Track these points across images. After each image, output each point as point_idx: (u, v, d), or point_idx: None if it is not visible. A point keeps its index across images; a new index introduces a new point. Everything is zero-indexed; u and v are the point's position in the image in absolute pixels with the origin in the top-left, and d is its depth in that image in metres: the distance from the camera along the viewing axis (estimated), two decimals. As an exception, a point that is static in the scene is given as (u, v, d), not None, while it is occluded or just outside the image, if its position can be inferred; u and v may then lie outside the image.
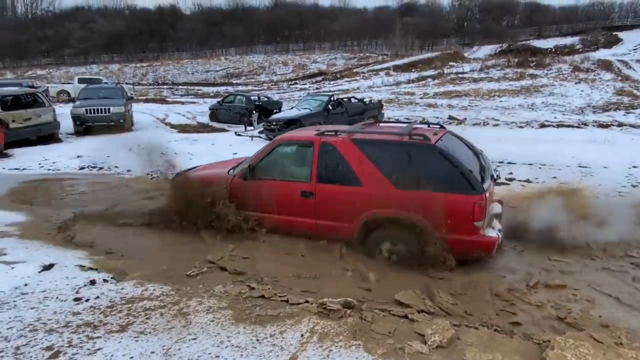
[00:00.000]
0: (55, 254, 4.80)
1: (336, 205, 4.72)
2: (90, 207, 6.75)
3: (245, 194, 5.20)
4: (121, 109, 14.94)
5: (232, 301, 3.76)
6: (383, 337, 3.21)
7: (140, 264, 4.60)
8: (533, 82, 28.97)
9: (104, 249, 5.13)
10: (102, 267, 4.46)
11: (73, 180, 8.77)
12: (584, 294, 4.28)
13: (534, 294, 4.25)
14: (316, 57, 55.05)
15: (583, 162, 9.25)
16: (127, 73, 53.63)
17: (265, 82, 44.49)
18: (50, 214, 6.44)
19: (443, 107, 22.03)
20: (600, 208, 5.96)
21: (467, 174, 4.30)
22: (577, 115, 18.63)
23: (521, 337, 3.24)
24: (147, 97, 31.13)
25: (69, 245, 5.21)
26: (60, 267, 4.46)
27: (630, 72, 31.34)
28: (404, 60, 45.97)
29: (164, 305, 3.68)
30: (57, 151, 11.87)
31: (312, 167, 4.84)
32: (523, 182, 8.06)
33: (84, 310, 3.62)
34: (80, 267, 4.47)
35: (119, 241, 5.39)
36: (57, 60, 63.89)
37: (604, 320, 3.83)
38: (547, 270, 4.75)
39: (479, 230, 4.32)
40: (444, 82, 32.67)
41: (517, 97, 24.40)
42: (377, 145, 4.74)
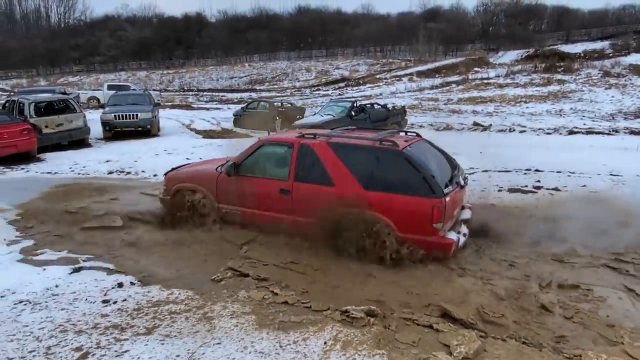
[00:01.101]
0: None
1: (310, 203, 4.97)
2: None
3: (229, 190, 5.52)
4: (148, 114, 15.25)
5: (256, 306, 3.78)
6: (407, 347, 3.18)
7: (167, 268, 4.68)
8: (561, 88, 28.24)
9: (128, 249, 5.25)
10: (129, 270, 4.56)
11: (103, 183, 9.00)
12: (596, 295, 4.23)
13: (546, 294, 4.22)
14: (339, 63, 55.12)
15: (615, 170, 8.94)
16: (154, 80, 54.85)
17: (288, 89, 44.78)
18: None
19: (467, 113, 21.70)
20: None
21: (429, 178, 4.53)
22: (608, 121, 18.09)
23: (551, 351, 3.15)
24: (173, 103, 31.73)
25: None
26: (90, 269, 4.58)
27: (665, 77, 30.27)
28: (427, 66, 45.54)
29: (189, 309, 3.73)
30: (87, 156, 12.19)
31: (290, 167, 5.15)
32: (551, 191, 7.85)
33: (112, 312, 3.71)
34: (108, 269, 4.58)
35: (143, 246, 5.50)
36: (87, 67, 65.85)
37: (611, 320, 3.76)
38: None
39: (437, 232, 4.54)
40: (468, 87, 32.20)
41: (544, 103, 23.84)
42: (350, 149, 5.03)
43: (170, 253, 5.13)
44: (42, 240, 5.51)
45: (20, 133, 11.18)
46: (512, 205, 7.11)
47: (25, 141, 11.33)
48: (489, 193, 7.76)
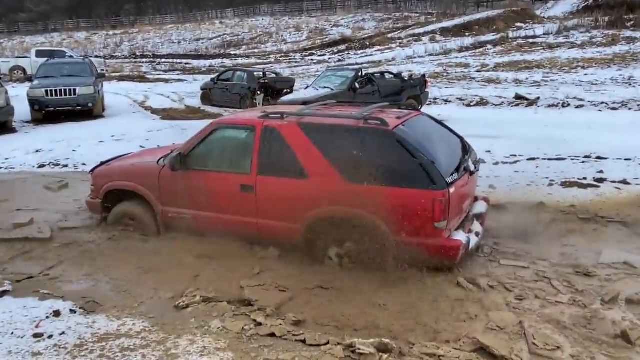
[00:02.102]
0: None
1: (279, 201, 5.00)
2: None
3: (176, 188, 5.51)
4: (90, 89, 15.16)
5: (233, 340, 3.77)
6: (432, 392, 3.19)
7: (117, 291, 4.67)
8: (631, 48, 28.20)
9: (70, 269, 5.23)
10: (68, 294, 4.55)
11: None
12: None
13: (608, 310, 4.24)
14: (338, 20, 54.94)
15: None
16: (97, 43, 54.60)
17: (273, 53, 44.68)
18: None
19: (508, 82, 21.66)
20: None
21: (428, 165, 4.49)
22: (692, 92, 18.13)
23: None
24: (121, 74, 31.64)
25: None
26: (16, 294, 4.57)
27: None
28: (454, 21, 45.41)
29: (146, 345, 3.72)
30: (11, 144, 12.10)
31: (252, 156, 5.10)
32: (618, 184, 7.87)
33: (46, 349, 3.70)
34: (40, 293, 4.56)
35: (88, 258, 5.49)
36: (8, 27, 65.38)
37: None
38: None
39: (441, 233, 4.52)
40: (508, 49, 32.15)
41: (608, 69, 23.81)
42: (327, 131, 4.99)
43: (120, 270, 5.12)
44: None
45: None
46: (567, 203, 7.14)
47: None
48: (537, 188, 7.80)
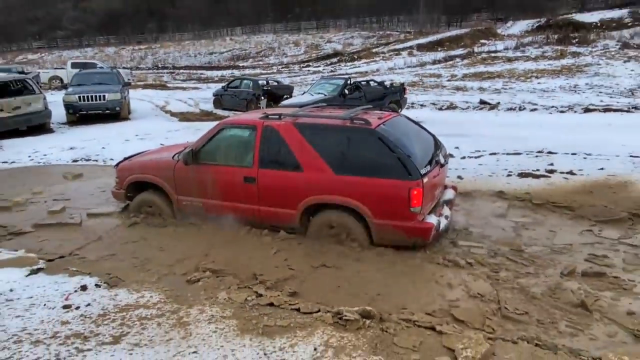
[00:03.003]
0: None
1: (278, 191, 4.96)
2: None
3: (188, 180, 5.41)
4: (117, 95, 15.01)
5: (237, 309, 3.70)
6: (407, 352, 3.12)
7: (136, 267, 4.58)
8: (576, 61, 28.23)
9: (96, 249, 5.13)
10: (94, 270, 4.45)
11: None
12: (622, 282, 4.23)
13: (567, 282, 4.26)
14: (331, 37, 54.68)
15: (635, 152, 8.92)
16: (124, 56, 54.18)
17: (275, 65, 44.42)
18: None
19: (473, 90, 21.66)
20: None
21: (404, 159, 4.48)
22: (627, 97, 18.06)
23: (567, 354, 3.10)
24: (145, 83, 31.37)
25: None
26: (49, 271, 4.47)
27: (689, 49, 30.39)
28: (429, 38, 45.32)
29: (161, 314, 3.64)
30: (49, 142, 11.98)
31: (254, 152, 5.05)
32: (566, 175, 7.82)
33: (74, 319, 3.61)
34: (70, 270, 4.46)
35: (112, 240, 5.39)
36: (48, 43, 64.73)
37: (632, 309, 3.76)
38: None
39: (416, 217, 4.52)
40: (474, 62, 32.12)
41: (557, 78, 23.83)
42: (318, 130, 4.95)
43: (140, 250, 5.03)
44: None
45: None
46: (523, 190, 7.08)
47: (-24, 127, 11.11)
48: (498, 178, 7.74)
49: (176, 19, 67.16)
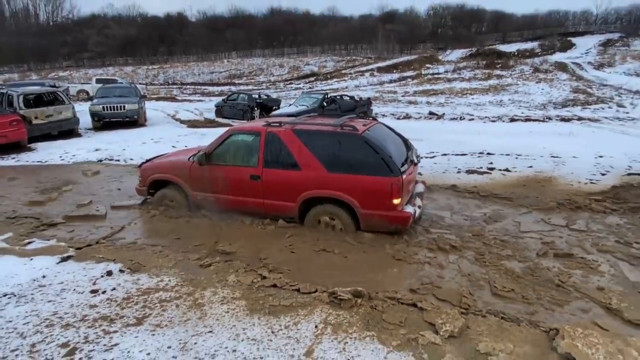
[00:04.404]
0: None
1: (280, 186, 4.73)
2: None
3: (203, 178, 5.12)
4: (135, 106, 14.29)
5: (245, 291, 3.38)
6: (395, 327, 2.87)
7: (156, 254, 4.19)
8: (499, 82, 28.58)
9: (120, 238, 4.71)
10: (118, 257, 4.05)
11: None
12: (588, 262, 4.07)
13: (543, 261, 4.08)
14: (309, 60, 54.00)
15: (554, 153, 8.90)
16: (140, 74, 52.22)
17: (264, 82, 43.53)
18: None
19: (422, 103, 21.57)
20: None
21: (387, 159, 4.33)
22: (541, 110, 18.29)
23: (528, 325, 2.91)
24: (158, 96, 30.23)
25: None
26: (78, 258, 4.05)
27: (583, 73, 31.08)
28: (386, 62, 45.26)
29: (179, 296, 3.29)
30: (77, 145, 11.26)
31: (259, 154, 4.81)
32: (503, 171, 7.72)
33: (101, 302, 3.23)
34: (96, 257, 4.05)
35: (134, 230, 4.97)
36: (76, 62, 61.92)
37: (601, 284, 3.61)
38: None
39: (397, 207, 4.37)
40: (422, 81, 32.15)
41: (486, 95, 24.00)
42: (314, 135, 4.71)
43: (159, 239, 4.62)
44: (29, 230, 4.89)
45: (10, 124, 10.18)
46: (471, 185, 6.94)
47: (14, 132, 10.33)
48: (450, 175, 7.58)
49: (183, 44, 65.24)
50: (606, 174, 7.38)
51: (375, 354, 2.58)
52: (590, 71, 31.52)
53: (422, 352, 2.60)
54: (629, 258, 4.14)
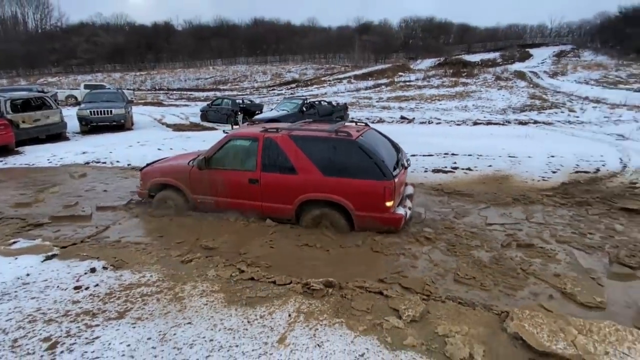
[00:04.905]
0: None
1: (277, 190, 4.65)
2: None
3: (202, 181, 5.01)
4: (122, 110, 13.95)
5: (224, 284, 3.36)
6: (362, 314, 2.91)
7: (138, 251, 4.11)
8: (465, 89, 29.21)
9: (104, 237, 4.60)
10: (102, 255, 3.96)
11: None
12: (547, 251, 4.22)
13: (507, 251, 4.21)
14: (290, 68, 53.84)
15: (511, 153, 9.18)
16: (128, 80, 50.91)
17: (248, 88, 43.16)
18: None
19: (395, 109, 21.83)
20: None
21: (380, 163, 4.29)
22: (501, 115, 18.80)
23: (482, 309, 3.00)
24: (145, 101, 29.53)
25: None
26: (63, 256, 3.93)
27: (539, 81, 32.06)
28: (362, 70, 45.56)
29: (160, 291, 3.25)
30: (65, 148, 10.91)
31: (257, 159, 4.73)
32: (465, 170, 7.92)
33: (84, 298, 3.15)
34: (81, 255, 3.95)
35: (118, 229, 4.86)
36: (65, 69, 59.77)
37: (557, 271, 3.74)
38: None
39: (389, 209, 4.34)
40: (395, 88, 32.53)
41: (453, 101, 24.48)
42: (309, 141, 4.64)
43: (141, 237, 4.55)
44: (14, 230, 4.73)
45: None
46: (436, 183, 7.08)
47: (1, 135, 9.95)
48: (418, 173, 7.71)
49: (169, 52, 63.90)
50: (557, 172, 7.66)
51: (343, 338, 2.62)
52: (545, 79, 32.52)
53: (386, 335, 2.65)
54: (583, 247, 4.31)
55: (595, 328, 2.65)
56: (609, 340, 2.55)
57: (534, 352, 2.49)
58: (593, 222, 5.11)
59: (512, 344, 2.58)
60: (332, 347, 2.53)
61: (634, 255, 3.99)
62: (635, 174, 7.37)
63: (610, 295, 3.31)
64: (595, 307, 3.16)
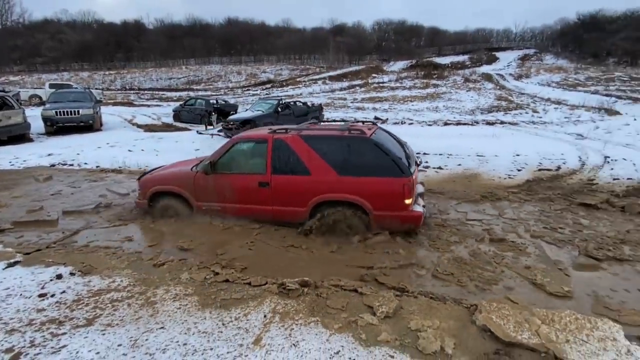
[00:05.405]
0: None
1: (289, 192, 4.46)
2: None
3: (207, 187, 4.74)
4: (90, 110, 13.42)
5: (198, 287, 3.29)
6: (338, 312, 2.93)
7: (108, 256, 3.96)
8: (435, 90, 29.93)
9: (72, 242, 4.40)
10: (69, 261, 3.79)
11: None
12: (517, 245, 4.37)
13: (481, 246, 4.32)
14: (265, 68, 53.44)
15: (479, 152, 9.48)
16: (97, 80, 48.99)
17: (222, 88, 42.51)
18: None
19: (369, 109, 22.08)
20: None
21: (397, 160, 4.21)
22: (470, 115, 19.36)
23: (453, 303, 3.08)
24: (115, 101, 28.49)
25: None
26: (27, 263, 3.74)
27: (505, 83, 33.29)
28: (337, 71, 45.82)
29: (131, 296, 3.14)
30: (29, 150, 10.39)
31: (267, 161, 4.52)
32: (437, 169, 8.12)
33: (49, 306, 3.01)
34: (46, 262, 3.77)
35: (87, 234, 4.66)
36: (29, 67, 56.76)
37: (528, 264, 3.88)
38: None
39: (408, 207, 4.25)
40: (368, 89, 32.91)
41: (424, 102, 25.03)
42: (322, 140, 4.49)
43: (111, 241, 4.39)
44: (-27, 236, 4.45)
45: (-49, 129, 9.19)
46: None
47: (-43, 137, 9.36)
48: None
49: (140, 51, 61.97)
50: (521, 170, 7.98)
51: (318, 337, 2.62)
52: (511, 81, 33.79)
53: (360, 332, 2.68)
54: (555, 241, 4.47)
55: (557, 318, 2.78)
56: (569, 328, 2.67)
57: (501, 342, 2.58)
58: (561, 217, 5.35)
59: (481, 336, 2.66)
60: (308, 346, 2.53)
61: (601, 248, 4.22)
62: (592, 172, 7.78)
63: (574, 286, 3.48)
64: (563, 296, 3.31)
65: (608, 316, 2.97)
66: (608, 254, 4.08)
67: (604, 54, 45.05)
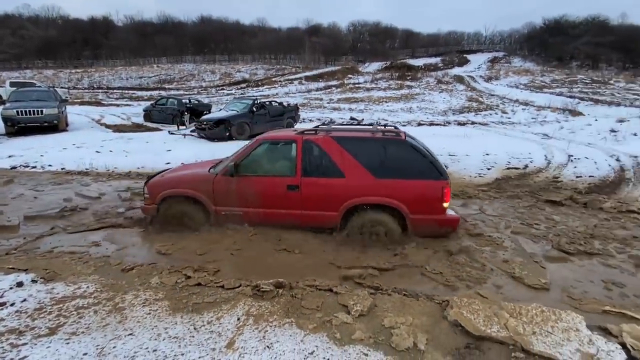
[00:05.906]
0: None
1: (321, 196, 4.27)
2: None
3: (229, 191, 4.44)
4: (54, 110, 12.82)
5: (169, 291, 3.21)
6: (312, 312, 2.93)
7: (73, 261, 3.80)
8: (409, 91, 30.50)
9: (34, 248, 4.20)
10: (32, 267, 3.61)
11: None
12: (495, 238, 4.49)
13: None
14: (240, 67, 52.79)
15: (451, 152, 9.72)
16: (62, 78, 46.91)
17: (196, 88, 41.64)
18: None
19: (345, 110, 22.24)
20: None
21: (436, 162, 4.15)
22: (442, 116, 19.87)
23: (425, 299, 3.15)
24: (82, 100, 27.37)
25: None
26: (-17, 271, 3.53)
27: (476, 85, 34.35)
28: (313, 72, 45.89)
29: (97, 302, 3.03)
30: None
31: (296, 163, 4.32)
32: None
33: (9, 315, 2.85)
34: (6, 268, 3.57)
35: (50, 239, 4.46)
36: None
37: (506, 257, 4.00)
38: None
39: (446, 210, 4.19)
40: (344, 90, 33.13)
41: (399, 103, 25.46)
42: (355, 141, 4.32)
43: (76, 247, 4.22)
44: None
45: None
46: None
47: None
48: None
49: (109, 48, 59.81)
50: (491, 169, 8.25)
51: (293, 338, 2.61)
52: (481, 83, 34.88)
53: (335, 331, 2.69)
54: (531, 237, 4.65)
55: (524, 311, 2.89)
56: (535, 321, 2.78)
57: (472, 336, 2.65)
58: (535, 213, 5.56)
59: (452, 331, 2.73)
60: (282, 347, 2.52)
61: (573, 242, 4.42)
62: (557, 170, 8.15)
63: (550, 278, 3.63)
64: (541, 288, 3.45)
65: (571, 305, 3.12)
66: (579, 248, 4.29)
67: (567, 58, 47.30)
